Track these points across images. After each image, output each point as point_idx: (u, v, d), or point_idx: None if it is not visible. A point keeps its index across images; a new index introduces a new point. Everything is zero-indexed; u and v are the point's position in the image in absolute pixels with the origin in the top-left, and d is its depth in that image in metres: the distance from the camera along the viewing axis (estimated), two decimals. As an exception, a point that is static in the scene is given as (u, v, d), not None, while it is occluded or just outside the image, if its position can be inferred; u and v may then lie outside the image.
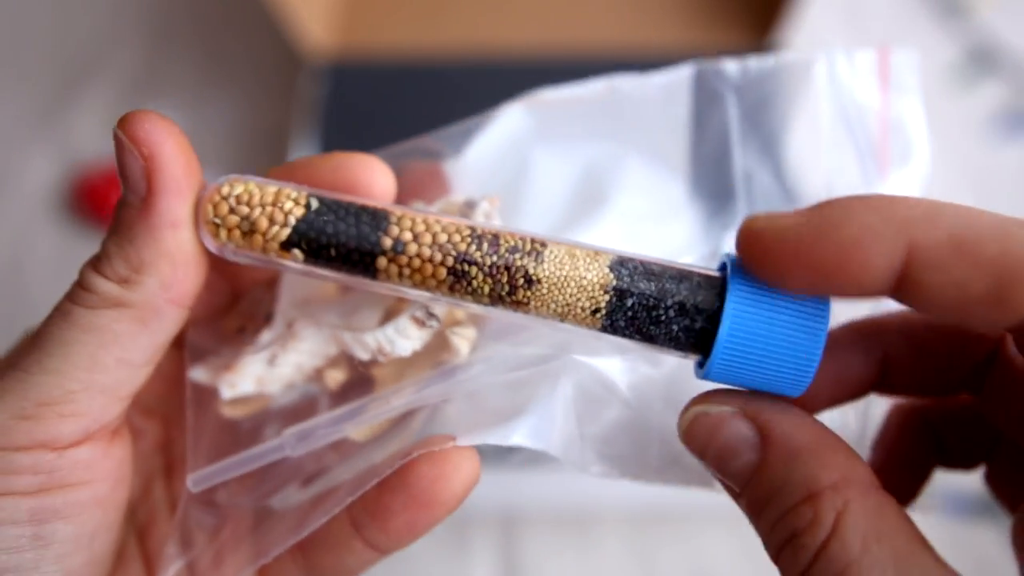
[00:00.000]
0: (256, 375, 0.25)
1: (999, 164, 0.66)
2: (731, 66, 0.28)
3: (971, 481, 0.53)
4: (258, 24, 0.74)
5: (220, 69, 0.74)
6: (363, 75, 0.65)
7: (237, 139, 0.69)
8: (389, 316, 0.25)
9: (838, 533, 0.18)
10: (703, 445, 0.21)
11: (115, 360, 0.21)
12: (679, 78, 0.28)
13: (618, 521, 0.54)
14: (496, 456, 0.46)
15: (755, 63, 0.28)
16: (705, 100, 0.28)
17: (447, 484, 0.22)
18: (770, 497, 0.20)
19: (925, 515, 0.24)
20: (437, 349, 0.25)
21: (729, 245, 0.27)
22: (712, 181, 0.29)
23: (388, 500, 0.23)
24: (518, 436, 0.23)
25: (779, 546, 0.19)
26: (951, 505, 0.53)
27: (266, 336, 0.26)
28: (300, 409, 0.27)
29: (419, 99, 0.64)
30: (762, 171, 0.28)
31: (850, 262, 0.18)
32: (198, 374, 0.26)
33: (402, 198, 0.25)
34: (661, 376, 0.25)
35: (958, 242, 0.18)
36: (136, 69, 0.74)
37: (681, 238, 0.29)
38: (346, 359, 0.26)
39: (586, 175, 0.29)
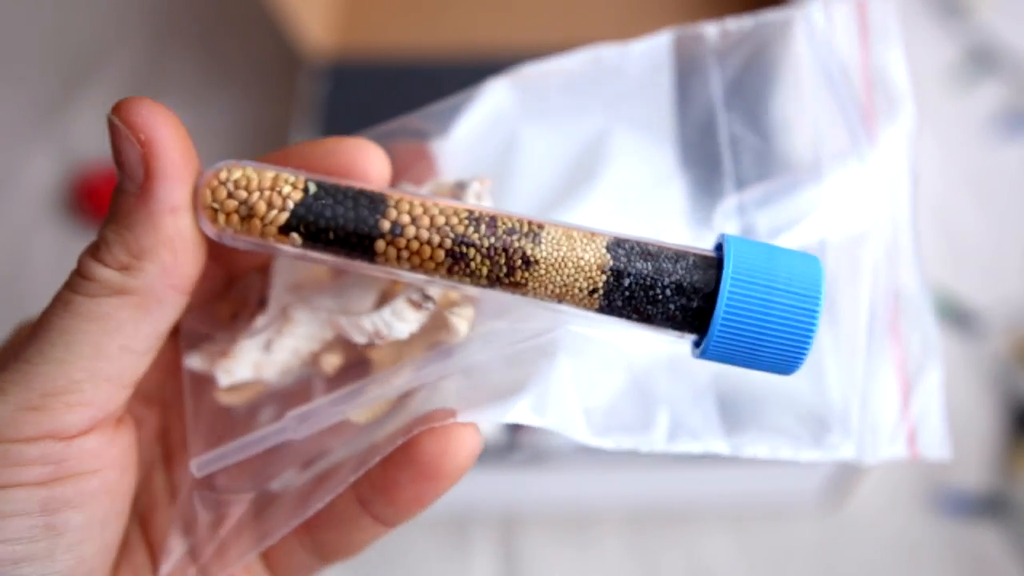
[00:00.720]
0: (252, 361, 0.25)
1: (999, 164, 0.66)
2: (710, 30, 0.28)
3: (971, 481, 0.53)
4: (258, 24, 0.74)
5: (220, 69, 0.74)
6: (363, 75, 0.65)
7: (237, 139, 0.69)
8: (384, 298, 0.25)
9: None
10: None
11: (118, 348, 0.21)
12: (658, 45, 0.28)
13: (618, 521, 0.54)
14: (496, 456, 0.46)
15: (734, 25, 0.27)
16: (687, 66, 0.28)
17: (452, 457, 0.22)
18: None
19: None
20: (434, 330, 0.25)
21: (720, 218, 0.27)
22: (700, 148, 0.28)
23: (395, 475, 0.23)
24: (517, 412, 0.23)
25: None
26: (951, 505, 0.53)
27: (260, 322, 0.26)
28: (295, 393, 0.27)
29: (419, 99, 0.64)
30: (749, 134, 0.28)
31: None
32: (194, 361, 0.26)
33: (389, 179, 0.25)
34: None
35: None
36: (137, 69, 0.74)
37: (673, 208, 0.28)
38: (342, 343, 0.26)
39: (574, 149, 0.29)
